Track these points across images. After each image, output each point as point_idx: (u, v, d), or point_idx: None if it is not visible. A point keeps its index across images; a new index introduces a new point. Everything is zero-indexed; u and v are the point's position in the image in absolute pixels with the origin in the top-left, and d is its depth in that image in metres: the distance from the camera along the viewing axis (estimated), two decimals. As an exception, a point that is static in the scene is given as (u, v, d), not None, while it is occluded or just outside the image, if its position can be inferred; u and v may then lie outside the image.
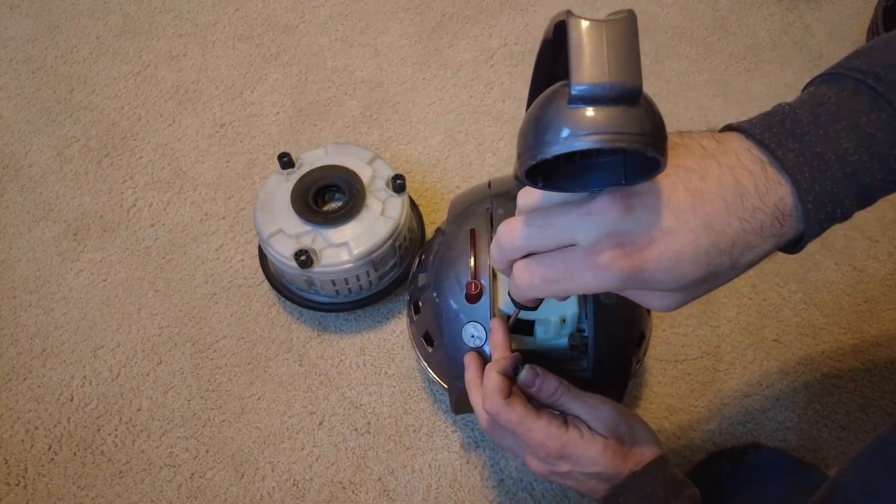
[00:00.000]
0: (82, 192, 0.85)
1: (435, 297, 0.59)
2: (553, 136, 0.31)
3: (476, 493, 0.66)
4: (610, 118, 0.31)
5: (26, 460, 0.68)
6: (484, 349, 0.55)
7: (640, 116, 0.31)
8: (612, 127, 0.30)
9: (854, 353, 0.72)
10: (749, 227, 0.35)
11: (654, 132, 0.31)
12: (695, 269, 0.35)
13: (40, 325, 0.76)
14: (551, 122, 0.32)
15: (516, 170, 0.34)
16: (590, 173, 0.35)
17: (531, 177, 0.34)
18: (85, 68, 0.96)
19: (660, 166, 0.32)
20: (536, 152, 0.32)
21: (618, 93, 0.30)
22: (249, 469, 0.67)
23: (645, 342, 0.61)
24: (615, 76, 0.30)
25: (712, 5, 1.01)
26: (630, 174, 0.34)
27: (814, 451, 0.67)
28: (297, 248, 0.67)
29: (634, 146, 0.30)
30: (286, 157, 0.72)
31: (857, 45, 0.95)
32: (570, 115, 0.31)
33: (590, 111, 0.31)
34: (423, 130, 0.89)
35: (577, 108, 0.31)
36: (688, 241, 0.34)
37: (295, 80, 0.94)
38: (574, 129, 0.31)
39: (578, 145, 0.31)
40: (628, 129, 0.31)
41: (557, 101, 0.32)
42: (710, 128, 0.40)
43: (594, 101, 0.31)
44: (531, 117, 0.33)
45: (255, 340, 0.74)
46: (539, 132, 0.32)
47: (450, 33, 0.98)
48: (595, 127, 0.31)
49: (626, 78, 0.30)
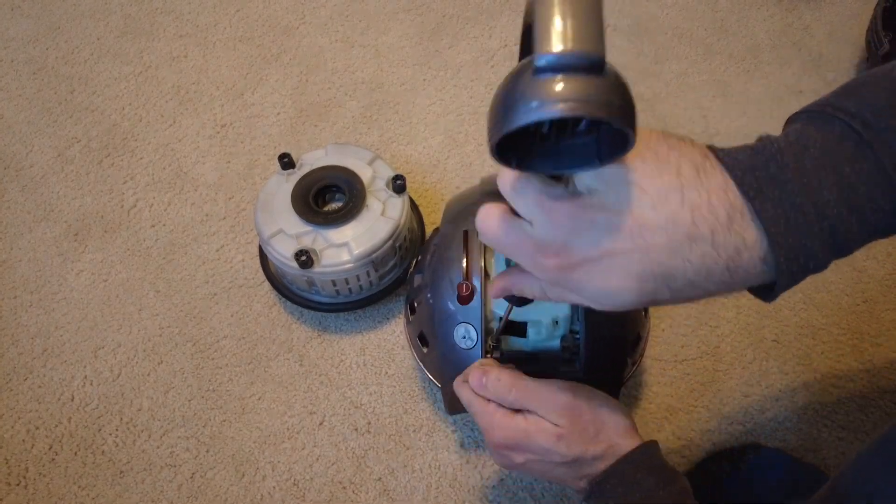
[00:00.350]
0: (83, 193, 0.85)
1: (429, 298, 0.59)
2: (519, 108, 0.31)
3: (476, 493, 0.66)
4: (574, 87, 0.30)
5: (27, 460, 0.68)
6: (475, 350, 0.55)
7: (605, 86, 0.31)
8: (575, 95, 0.30)
9: (853, 354, 0.73)
10: (692, 268, 0.34)
11: (621, 103, 0.31)
12: (626, 293, 0.35)
13: (41, 325, 0.76)
14: (516, 94, 0.31)
15: (489, 146, 0.34)
16: (563, 154, 0.35)
17: (504, 156, 0.34)
18: (86, 69, 0.96)
19: (629, 141, 0.32)
20: (503, 125, 0.31)
21: (581, 61, 0.30)
22: (250, 469, 0.67)
23: (641, 344, 0.61)
24: (578, 44, 0.30)
25: (712, 6, 1.01)
26: (604, 154, 0.34)
27: (813, 451, 0.67)
28: (297, 248, 0.67)
29: (599, 115, 0.30)
30: (287, 157, 0.72)
31: (857, 46, 0.96)
32: (534, 86, 0.31)
33: (554, 81, 0.30)
34: (423, 131, 0.89)
35: (541, 78, 0.31)
36: (620, 265, 0.34)
37: (295, 80, 0.94)
38: (538, 99, 0.30)
39: (541, 115, 0.30)
40: (592, 98, 0.30)
41: (522, 73, 0.31)
42: (709, 132, 0.40)
43: (558, 70, 0.30)
44: (498, 93, 0.33)
45: (256, 340, 0.74)
46: (505, 106, 0.32)
47: (450, 34, 0.98)
48: (558, 96, 0.30)
49: (589, 46, 0.30)
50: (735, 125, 0.89)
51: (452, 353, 0.56)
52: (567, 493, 0.65)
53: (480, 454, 0.67)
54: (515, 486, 0.66)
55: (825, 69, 0.94)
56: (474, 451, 0.68)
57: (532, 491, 0.66)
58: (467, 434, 0.68)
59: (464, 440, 0.68)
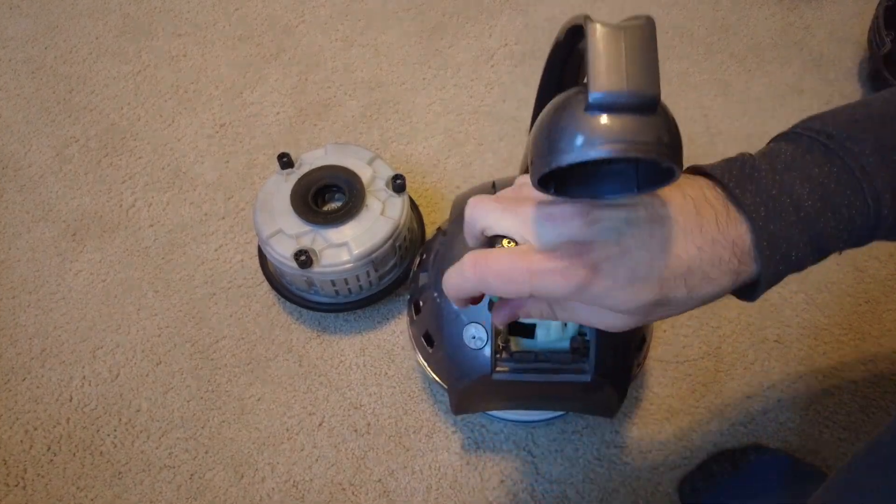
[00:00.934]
0: (82, 193, 0.85)
1: (436, 297, 0.58)
2: (568, 144, 0.31)
3: (476, 493, 0.65)
4: (627, 127, 0.30)
5: (25, 461, 0.68)
6: (485, 351, 0.55)
7: (657, 125, 0.31)
8: (628, 136, 0.30)
9: (855, 354, 0.72)
10: (706, 256, 0.35)
11: (671, 142, 0.31)
12: (648, 291, 0.35)
13: (39, 325, 0.75)
14: (566, 129, 0.31)
15: (531, 177, 0.33)
16: (601, 180, 0.35)
17: (543, 183, 0.34)
18: (84, 68, 0.96)
19: (674, 175, 0.32)
20: (551, 160, 0.31)
21: (636, 101, 0.30)
22: (249, 470, 0.67)
23: (646, 345, 0.61)
24: (634, 84, 0.30)
25: (713, 5, 1.01)
26: (642, 182, 0.34)
27: (815, 452, 0.67)
28: (296, 248, 0.67)
29: (651, 156, 0.30)
30: (286, 157, 0.72)
31: (858, 45, 0.96)
32: (586, 123, 0.30)
33: (607, 119, 0.30)
34: (423, 130, 0.89)
35: (594, 115, 0.30)
36: (644, 260, 0.34)
37: (295, 80, 0.94)
38: (590, 137, 0.30)
39: (594, 154, 0.30)
40: (645, 137, 0.30)
41: (573, 107, 0.31)
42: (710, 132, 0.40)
43: (611, 109, 0.30)
44: (546, 123, 0.32)
45: (255, 341, 0.74)
46: (554, 139, 0.32)
47: (450, 33, 0.98)
48: (612, 135, 0.30)
49: (645, 86, 0.30)
50: (736, 125, 0.89)
51: (460, 352, 0.56)
52: (567, 494, 0.65)
53: (480, 455, 0.67)
54: (516, 487, 0.66)
55: (826, 68, 0.93)
56: (474, 453, 0.67)
57: (532, 492, 0.65)
58: (467, 435, 0.68)
59: (464, 441, 0.68)
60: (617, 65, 0.30)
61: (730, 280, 0.36)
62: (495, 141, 0.88)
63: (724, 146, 0.86)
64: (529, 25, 0.98)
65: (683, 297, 0.36)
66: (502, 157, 0.86)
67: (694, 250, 0.35)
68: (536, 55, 0.95)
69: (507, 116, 0.90)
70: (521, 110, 0.90)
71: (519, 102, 0.91)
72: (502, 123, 0.89)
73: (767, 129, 0.88)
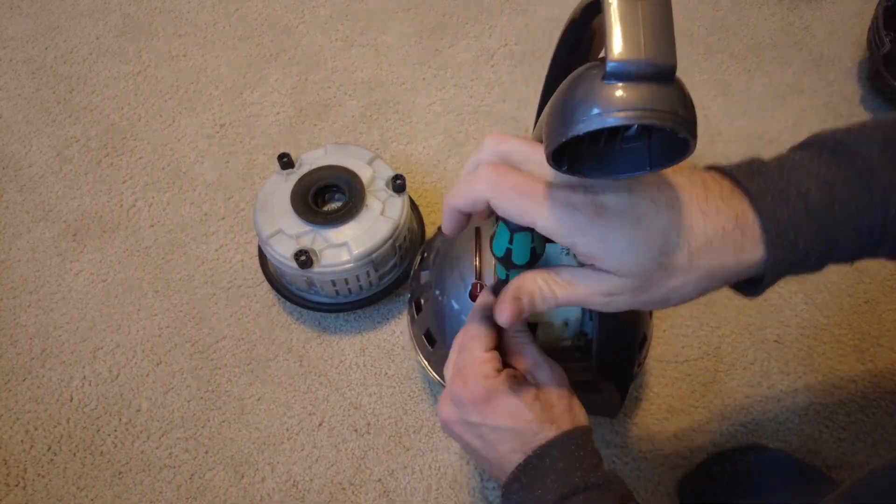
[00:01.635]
0: (82, 193, 0.85)
1: (438, 296, 0.58)
2: (584, 114, 0.31)
3: (476, 493, 0.65)
4: (644, 95, 0.30)
5: (26, 461, 0.68)
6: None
7: (673, 95, 0.31)
8: (646, 104, 0.30)
9: (855, 354, 0.72)
10: (710, 223, 0.36)
11: (687, 113, 0.31)
12: (652, 241, 0.35)
13: (40, 325, 0.76)
14: (583, 99, 0.31)
15: (546, 150, 0.33)
16: (613, 159, 0.35)
17: (557, 159, 0.34)
18: (85, 68, 0.96)
19: (688, 149, 0.32)
20: (567, 130, 0.31)
21: (653, 70, 0.30)
22: (249, 470, 0.67)
23: (646, 344, 0.61)
24: (652, 53, 0.30)
25: (713, 5, 1.01)
26: (655, 160, 0.34)
27: (815, 452, 0.67)
28: (296, 248, 0.67)
29: (668, 124, 0.30)
30: (286, 157, 0.72)
31: (858, 45, 0.96)
32: (603, 92, 0.31)
33: (624, 87, 0.30)
34: (423, 130, 0.89)
35: (611, 84, 0.31)
36: (650, 212, 0.35)
37: (295, 80, 0.94)
38: (607, 105, 0.30)
39: (612, 121, 0.30)
40: (662, 106, 0.30)
41: (590, 79, 0.31)
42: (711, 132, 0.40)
43: (628, 78, 0.30)
44: (561, 96, 0.33)
45: (255, 341, 0.74)
46: (570, 110, 0.32)
47: (450, 33, 0.98)
48: (629, 103, 0.30)
49: (663, 55, 0.30)
50: (736, 125, 0.89)
51: None
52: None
53: (481, 455, 0.67)
54: (516, 488, 0.66)
55: (826, 69, 0.93)
56: (474, 452, 0.67)
57: (532, 492, 0.65)
58: (467, 435, 0.68)
59: (464, 441, 0.68)
60: (634, 34, 0.30)
61: (732, 256, 0.36)
62: (495, 141, 0.88)
63: (724, 146, 0.87)
64: (529, 25, 0.98)
65: (685, 263, 0.36)
66: (502, 157, 0.86)
67: (699, 215, 0.36)
68: (536, 55, 0.95)
69: (507, 116, 0.90)
70: (521, 110, 0.90)
71: (519, 102, 0.91)
72: (502, 123, 0.89)
73: (767, 129, 0.88)
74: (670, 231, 0.35)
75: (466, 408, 0.43)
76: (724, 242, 0.36)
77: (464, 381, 0.43)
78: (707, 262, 0.36)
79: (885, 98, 0.90)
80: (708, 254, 0.36)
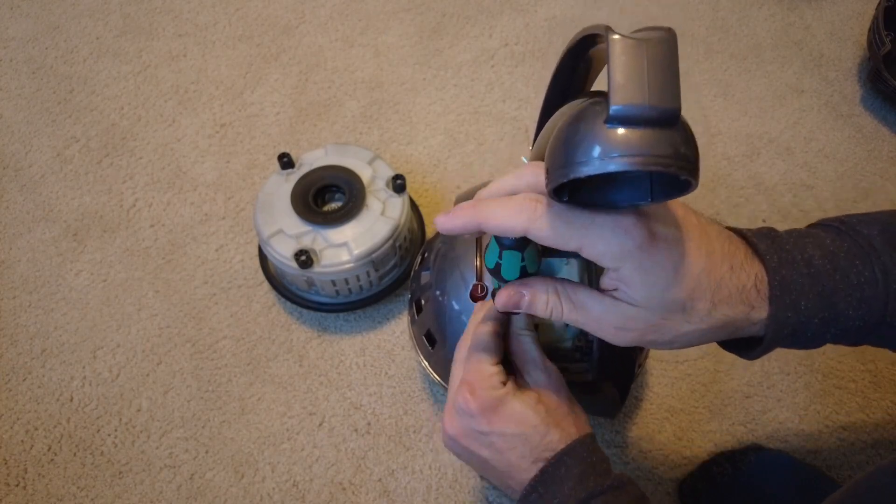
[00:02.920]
0: (82, 193, 0.85)
1: (438, 296, 0.58)
2: (586, 156, 0.31)
3: (476, 494, 0.65)
4: (646, 140, 0.30)
5: (26, 461, 0.68)
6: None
7: (676, 139, 0.31)
8: (647, 149, 0.30)
9: (855, 354, 0.72)
10: (735, 279, 0.37)
11: (689, 154, 0.31)
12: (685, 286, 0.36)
13: (40, 325, 0.76)
14: (584, 140, 0.31)
15: (547, 186, 0.34)
16: (615, 188, 0.35)
17: (557, 192, 0.34)
18: (85, 68, 0.96)
19: (689, 187, 0.32)
20: (569, 171, 0.31)
21: (657, 115, 0.30)
22: (249, 470, 0.67)
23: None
24: (656, 99, 0.30)
25: (713, 5, 1.01)
26: (656, 193, 0.35)
27: (815, 453, 0.67)
28: (297, 248, 0.67)
29: (671, 170, 0.30)
30: (286, 157, 0.72)
31: (858, 45, 0.96)
32: (605, 135, 0.31)
33: (626, 132, 0.30)
34: (423, 131, 0.89)
35: (613, 127, 0.30)
36: (692, 253, 0.37)
37: (295, 80, 0.94)
38: (609, 149, 0.30)
39: (613, 167, 0.30)
40: (665, 151, 0.30)
41: (592, 119, 0.31)
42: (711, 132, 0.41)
43: (632, 122, 0.30)
44: (564, 133, 0.32)
45: (255, 341, 0.74)
46: (572, 150, 0.31)
47: (450, 33, 0.98)
48: (631, 148, 0.30)
49: (667, 101, 0.30)
50: (736, 125, 0.89)
51: None
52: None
53: (481, 455, 0.67)
54: (516, 488, 0.66)
55: (826, 68, 0.93)
56: (474, 452, 0.67)
57: (532, 492, 0.65)
58: (467, 435, 0.68)
59: (464, 441, 0.68)
60: (639, 78, 0.30)
61: (743, 313, 0.38)
62: (495, 141, 0.88)
63: (723, 146, 0.87)
64: (529, 25, 0.98)
65: (704, 312, 0.37)
66: (502, 158, 0.86)
67: (727, 268, 0.37)
68: (536, 55, 0.95)
69: (508, 116, 0.90)
70: (521, 110, 0.90)
71: (519, 102, 0.91)
72: (502, 123, 0.89)
73: (767, 129, 0.88)
74: (703, 278, 0.37)
75: (475, 418, 0.44)
76: (741, 300, 0.37)
77: (472, 392, 0.44)
78: (723, 315, 0.37)
79: (885, 98, 0.90)
80: (727, 308, 0.37)
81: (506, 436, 0.43)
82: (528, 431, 0.43)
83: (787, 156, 0.86)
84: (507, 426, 0.43)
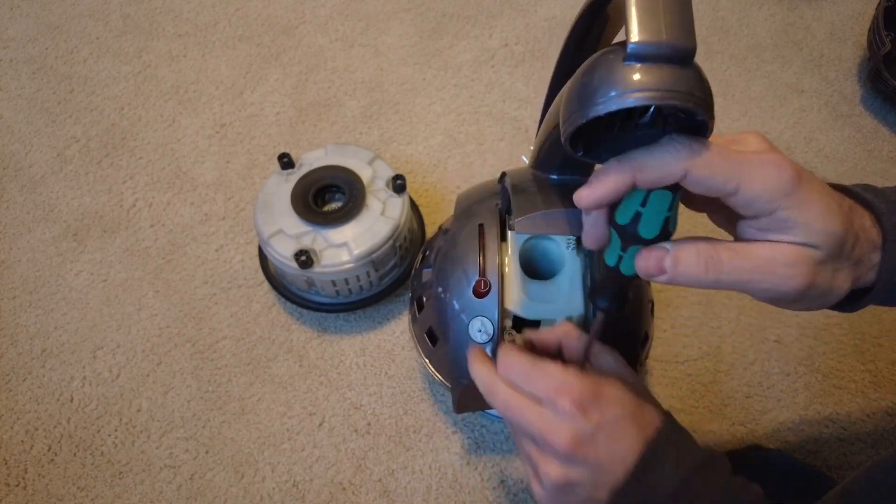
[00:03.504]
0: (82, 193, 0.85)
1: (440, 293, 0.58)
2: (604, 95, 0.31)
3: (476, 494, 0.65)
4: (664, 76, 0.31)
5: (26, 461, 0.68)
6: (489, 347, 0.55)
7: (692, 78, 0.32)
8: (666, 85, 0.31)
9: (855, 354, 0.72)
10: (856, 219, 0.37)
11: (705, 95, 0.32)
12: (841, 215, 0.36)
13: (40, 325, 0.76)
14: (602, 80, 0.32)
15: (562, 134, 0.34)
16: (627, 145, 0.35)
17: (573, 142, 0.34)
18: (85, 69, 0.96)
19: (707, 130, 0.33)
20: (587, 111, 0.32)
21: (673, 52, 0.31)
22: (249, 470, 0.67)
23: (647, 344, 0.61)
24: (672, 35, 0.31)
25: (713, 6, 1.01)
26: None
27: (815, 453, 0.67)
28: (297, 248, 0.67)
29: (688, 105, 0.31)
30: (286, 157, 0.72)
31: (858, 46, 0.96)
32: (622, 73, 0.31)
33: (643, 69, 0.31)
34: (423, 131, 0.89)
35: (630, 65, 0.31)
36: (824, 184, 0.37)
37: (295, 80, 0.94)
38: (626, 86, 0.31)
39: (631, 102, 0.31)
40: (681, 87, 0.31)
41: (608, 62, 0.32)
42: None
43: (648, 60, 0.31)
44: (579, 80, 0.33)
45: (255, 341, 0.74)
46: (589, 93, 0.32)
47: (450, 34, 0.98)
48: (649, 84, 0.31)
49: (683, 37, 0.31)
50: (737, 125, 0.89)
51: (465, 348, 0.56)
52: (568, 495, 0.65)
53: (480, 455, 0.67)
54: (516, 487, 0.66)
55: (826, 68, 0.93)
56: (474, 453, 0.67)
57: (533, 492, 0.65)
58: (468, 435, 0.68)
59: (464, 441, 0.68)
60: (655, 16, 0.31)
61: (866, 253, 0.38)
62: (495, 141, 0.88)
63: (724, 146, 0.86)
64: (529, 25, 0.98)
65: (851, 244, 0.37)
66: (503, 158, 0.86)
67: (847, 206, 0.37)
68: (537, 55, 0.95)
69: (508, 117, 0.90)
70: (522, 110, 0.90)
71: (519, 103, 0.91)
72: (502, 124, 0.89)
73: (767, 130, 0.88)
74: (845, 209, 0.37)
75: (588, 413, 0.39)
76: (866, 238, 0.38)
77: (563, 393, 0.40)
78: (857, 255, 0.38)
79: (885, 98, 0.90)
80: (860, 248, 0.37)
81: (617, 419, 0.40)
82: (630, 408, 0.40)
83: (787, 156, 0.86)
84: (613, 409, 0.40)
